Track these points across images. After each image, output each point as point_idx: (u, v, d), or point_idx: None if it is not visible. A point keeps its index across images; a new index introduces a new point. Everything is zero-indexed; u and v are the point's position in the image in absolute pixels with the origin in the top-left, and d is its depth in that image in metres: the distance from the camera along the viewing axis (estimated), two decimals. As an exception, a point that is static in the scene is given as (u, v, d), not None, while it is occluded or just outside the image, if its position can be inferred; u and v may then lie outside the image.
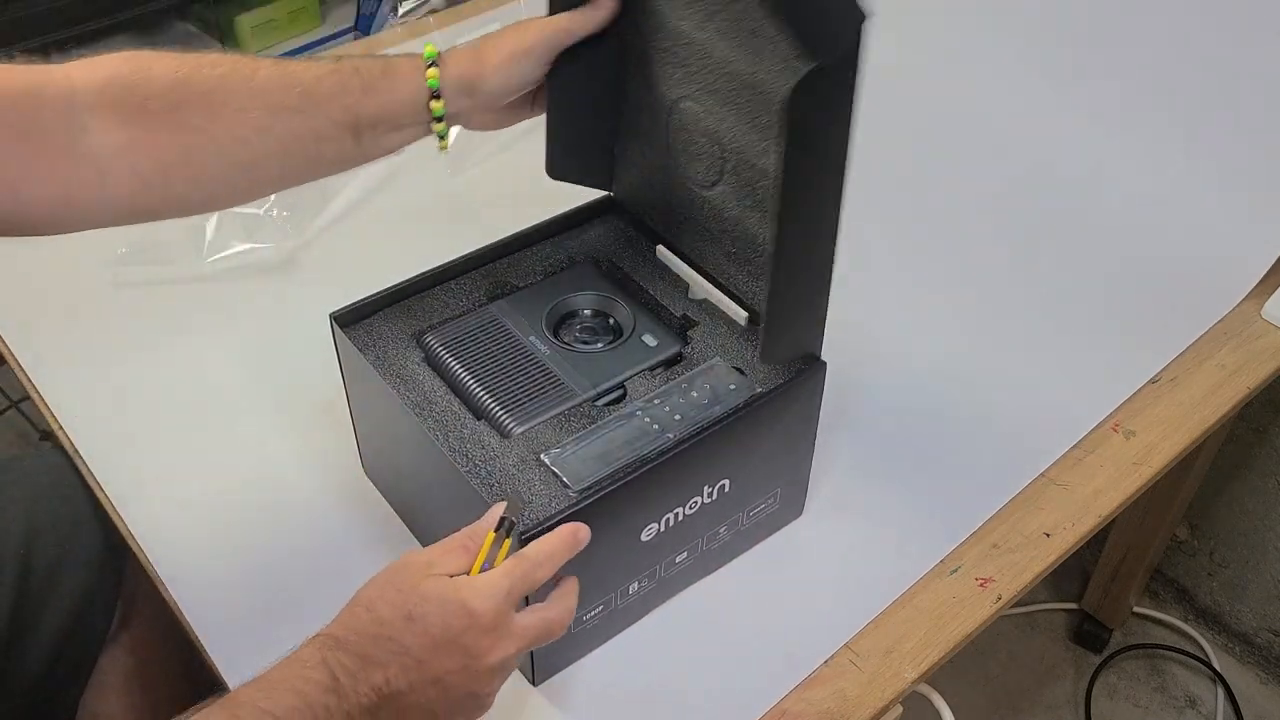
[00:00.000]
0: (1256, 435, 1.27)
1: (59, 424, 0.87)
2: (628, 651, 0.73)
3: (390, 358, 0.72)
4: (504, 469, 0.66)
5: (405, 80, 0.70)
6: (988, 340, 0.95)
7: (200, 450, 0.85)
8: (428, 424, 0.68)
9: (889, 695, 0.70)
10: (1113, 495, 0.82)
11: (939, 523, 0.80)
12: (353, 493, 0.82)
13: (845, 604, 0.75)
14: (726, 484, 0.70)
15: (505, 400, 0.69)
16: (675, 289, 0.78)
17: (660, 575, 0.72)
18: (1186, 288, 0.98)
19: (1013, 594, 0.76)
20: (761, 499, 0.75)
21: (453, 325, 0.74)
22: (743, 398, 0.69)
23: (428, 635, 0.54)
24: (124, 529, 0.80)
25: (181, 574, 0.77)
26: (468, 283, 0.78)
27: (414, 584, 0.55)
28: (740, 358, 0.73)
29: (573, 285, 0.78)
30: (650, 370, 0.72)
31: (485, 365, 0.71)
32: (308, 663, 0.53)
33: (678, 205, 0.77)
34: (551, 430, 0.68)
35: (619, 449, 0.66)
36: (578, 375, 0.71)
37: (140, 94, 0.63)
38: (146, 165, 0.64)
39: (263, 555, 0.79)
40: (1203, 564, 1.44)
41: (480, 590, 0.55)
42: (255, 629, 0.73)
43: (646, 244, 0.81)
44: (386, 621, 0.54)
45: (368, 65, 0.70)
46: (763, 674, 0.71)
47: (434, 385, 0.71)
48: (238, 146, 0.66)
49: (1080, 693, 1.42)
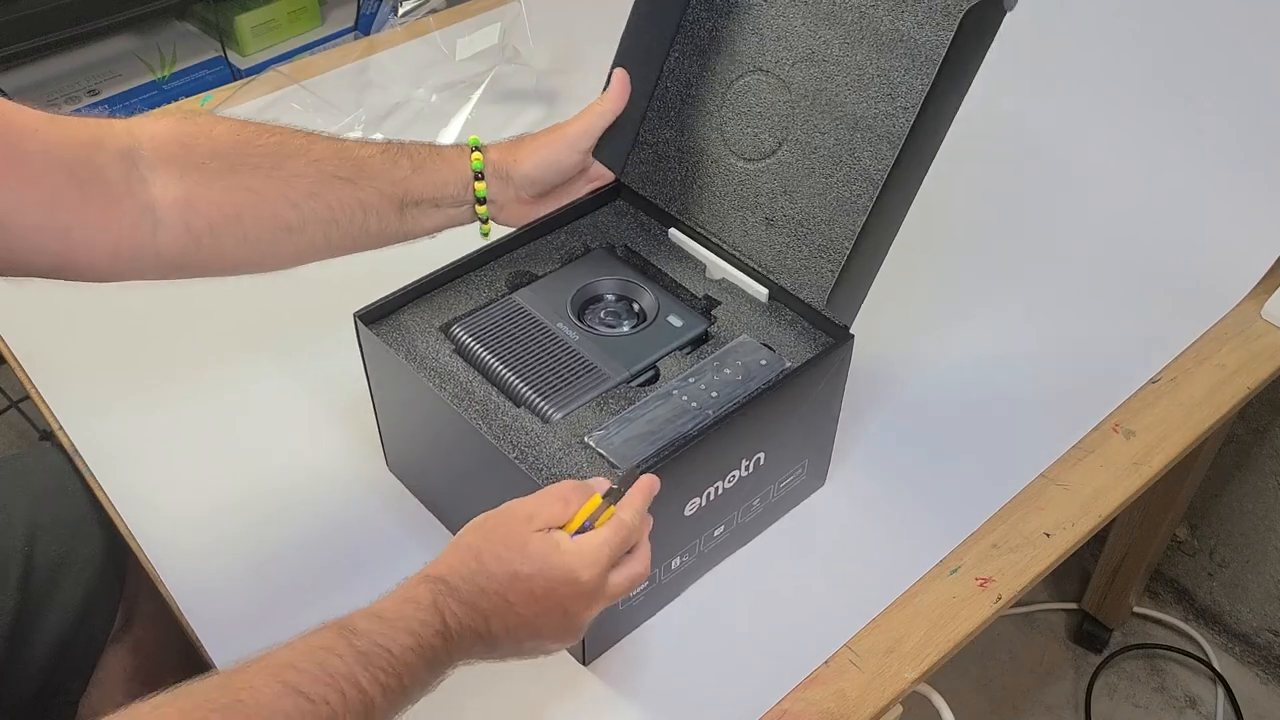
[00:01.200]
0: (1256, 435, 1.27)
1: (59, 424, 0.87)
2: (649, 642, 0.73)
3: (420, 352, 0.73)
4: (550, 454, 0.67)
5: (451, 162, 0.76)
6: (987, 340, 0.95)
7: (201, 450, 0.85)
8: (470, 414, 0.69)
9: (889, 695, 0.70)
10: (1113, 495, 0.82)
11: (939, 523, 0.80)
12: (354, 492, 0.82)
13: (845, 604, 0.75)
14: (762, 456, 0.72)
15: (541, 387, 0.70)
16: (693, 270, 0.79)
17: (699, 550, 0.74)
18: (1186, 288, 0.98)
19: (1013, 594, 0.76)
20: (792, 469, 0.77)
21: (479, 316, 0.75)
22: (774, 373, 0.71)
23: (532, 595, 0.56)
24: (124, 529, 0.80)
25: (182, 573, 0.77)
26: (488, 274, 0.78)
27: (521, 539, 0.56)
28: (766, 334, 0.75)
29: (593, 271, 0.78)
30: (680, 350, 0.74)
31: (516, 353, 0.72)
32: (421, 603, 0.54)
33: (701, 182, 0.79)
34: (591, 413, 0.69)
35: (660, 428, 0.68)
36: (609, 359, 0.72)
37: (201, 153, 0.66)
38: (199, 222, 0.66)
39: (264, 555, 0.79)
40: (1203, 564, 1.44)
41: (586, 558, 0.57)
42: (257, 629, 0.73)
43: (658, 227, 0.82)
44: (494, 575, 0.55)
45: (418, 148, 0.76)
46: (763, 674, 0.72)
47: (468, 376, 0.71)
48: (288, 209, 0.69)
49: (1080, 693, 1.42)
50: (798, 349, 0.74)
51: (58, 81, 1.54)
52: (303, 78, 1.24)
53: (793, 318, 0.76)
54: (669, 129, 0.81)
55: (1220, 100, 1.03)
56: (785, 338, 0.74)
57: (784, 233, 0.75)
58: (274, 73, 1.24)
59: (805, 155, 0.74)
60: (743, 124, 0.77)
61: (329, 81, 1.24)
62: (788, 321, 0.76)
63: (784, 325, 0.75)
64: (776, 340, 0.74)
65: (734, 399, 0.69)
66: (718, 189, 0.78)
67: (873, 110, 0.70)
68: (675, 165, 0.80)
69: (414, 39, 1.30)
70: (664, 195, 0.82)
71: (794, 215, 0.74)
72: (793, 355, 0.73)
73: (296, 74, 1.25)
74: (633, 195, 0.84)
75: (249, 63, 1.63)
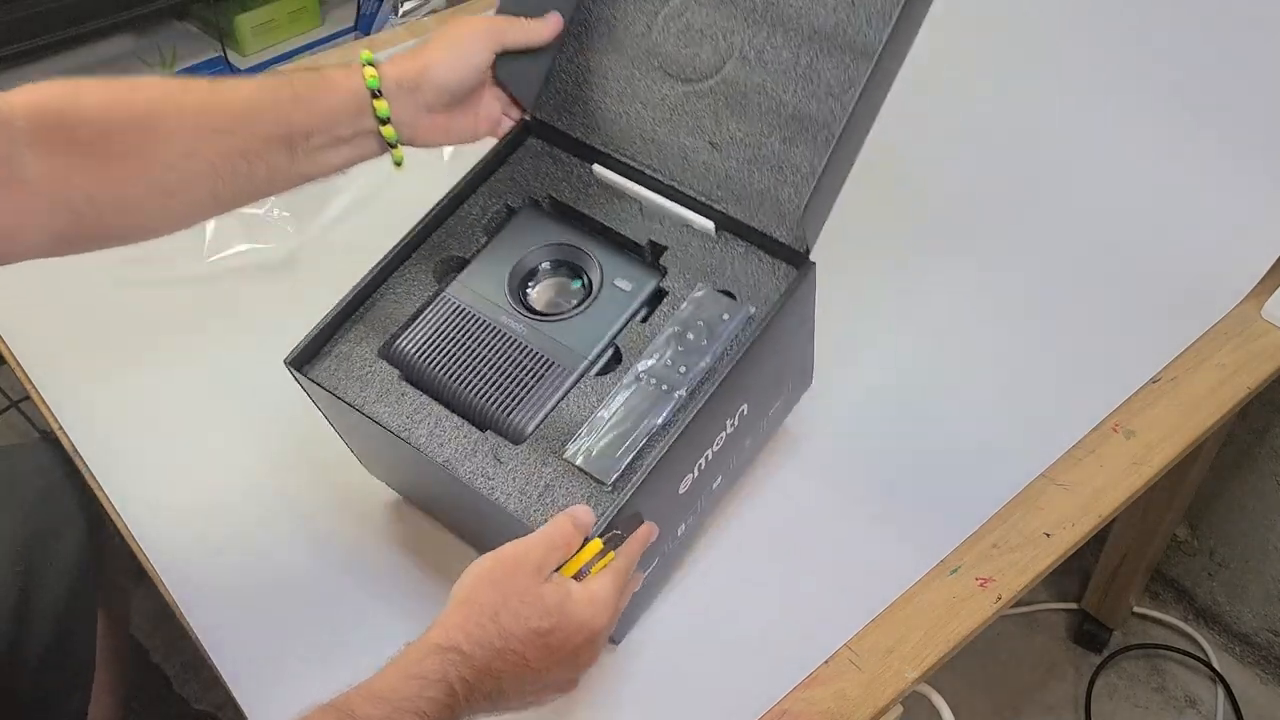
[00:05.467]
0: (1256, 435, 1.27)
1: (59, 424, 0.87)
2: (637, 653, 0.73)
3: (367, 385, 0.68)
4: (528, 478, 0.64)
5: (339, 84, 0.67)
6: (988, 340, 0.95)
7: (201, 450, 0.85)
8: (440, 453, 0.65)
9: (889, 695, 0.70)
10: (1113, 495, 0.82)
11: (939, 523, 0.80)
12: (355, 492, 0.82)
13: (845, 604, 0.75)
14: (745, 408, 0.69)
15: (503, 400, 0.66)
16: (627, 211, 0.72)
17: (700, 508, 0.72)
18: (1186, 288, 0.98)
19: (1013, 594, 0.76)
20: (776, 400, 0.74)
21: (416, 329, 0.69)
22: (739, 324, 0.66)
23: (548, 648, 0.56)
24: (124, 529, 0.80)
25: (181, 573, 0.77)
26: (412, 269, 0.72)
27: (535, 593, 0.56)
28: (722, 274, 0.69)
29: (522, 240, 0.72)
30: (636, 317, 0.69)
31: (466, 364, 0.67)
32: (429, 679, 0.53)
33: (631, 110, 0.72)
34: (561, 417, 0.66)
35: (635, 423, 0.65)
36: (564, 348, 0.68)
37: (70, 122, 0.62)
38: (76, 196, 0.62)
39: (263, 554, 0.79)
40: (1203, 564, 1.44)
41: (598, 607, 0.57)
42: (256, 628, 0.73)
43: (581, 165, 0.75)
44: (512, 635, 0.55)
45: (301, 76, 0.68)
46: (763, 674, 0.71)
47: (423, 404, 0.67)
48: (165, 172, 0.64)
49: (1080, 693, 1.42)
50: (758, 285, 0.68)
51: (58, 81, 1.54)
52: (303, 78, 1.24)
53: (746, 249, 0.70)
54: (591, 53, 0.73)
55: (1220, 100, 1.03)
56: (742, 274, 0.69)
57: (732, 157, 0.69)
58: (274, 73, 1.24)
59: (755, 72, 0.68)
60: (680, 42, 0.70)
61: (329, 81, 1.24)
62: (740, 255, 0.70)
63: (738, 260, 0.70)
64: (734, 280, 0.69)
65: (702, 369, 0.65)
66: (651, 116, 0.71)
67: (834, 20, 0.66)
68: (598, 93, 0.72)
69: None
70: (585, 128, 0.73)
71: (744, 138, 0.68)
72: (753, 295, 0.68)
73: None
74: (549, 132, 0.75)
75: (249, 63, 1.63)
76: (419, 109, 0.69)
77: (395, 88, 0.68)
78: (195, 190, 0.66)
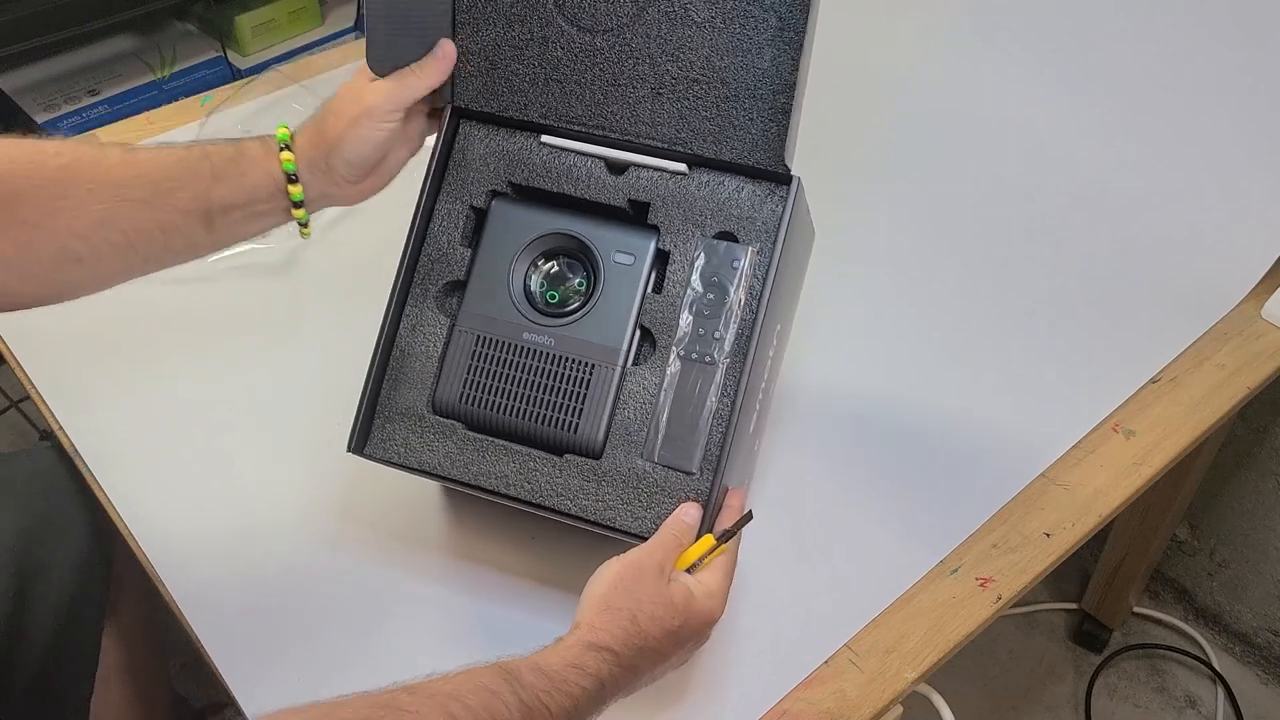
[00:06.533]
0: (1256, 435, 1.27)
1: (59, 424, 0.87)
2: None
3: (436, 452, 0.69)
4: (623, 490, 0.67)
5: (256, 165, 0.67)
6: (988, 340, 0.95)
7: (201, 450, 0.85)
8: (534, 493, 0.67)
9: (889, 695, 0.70)
10: (1113, 495, 0.82)
11: (939, 523, 0.80)
12: (356, 492, 0.82)
13: (845, 604, 0.75)
14: (779, 326, 0.71)
15: (564, 419, 0.68)
16: (594, 175, 0.70)
17: (763, 410, 0.75)
18: (1186, 288, 0.98)
19: (1013, 594, 0.76)
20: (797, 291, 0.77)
21: (448, 376, 0.69)
22: (746, 262, 0.67)
23: (679, 641, 0.62)
24: (124, 529, 0.80)
25: (181, 573, 0.77)
26: (416, 310, 0.71)
27: (665, 596, 0.61)
28: (716, 215, 0.68)
29: (505, 240, 0.70)
30: (650, 289, 0.69)
31: (514, 394, 0.68)
32: (586, 670, 0.57)
33: (557, 76, 0.69)
34: (623, 423, 0.68)
35: (693, 405, 0.67)
36: (595, 346, 0.68)
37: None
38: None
39: (263, 555, 0.78)
40: (1203, 564, 1.44)
41: (717, 599, 0.63)
42: (256, 629, 0.73)
43: (528, 139, 0.71)
44: (651, 636, 0.60)
45: (219, 150, 0.67)
46: (763, 674, 0.71)
47: (494, 448, 0.68)
48: (74, 241, 0.63)
49: (1080, 693, 1.42)
50: (753, 216, 0.67)
51: (58, 81, 1.54)
52: (303, 78, 1.24)
53: (727, 182, 0.69)
54: (494, 26, 0.69)
55: (1220, 100, 1.03)
56: (733, 209, 0.68)
57: (680, 98, 0.67)
58: (274, 73, 1.25)
59: (681, 6, 0.66)
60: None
61: (329, 81, 1.24)
62: (726, 190, 0.69)
63: (725, 196, 0.68)
64: (728, 218, 0.68)
65: (730, 324, 0.66)
66: (580, 76, 0.68)
67: None
68: (516, 66, 0.69)
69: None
70: (517, 105, 0.70)
71: (687, 75, 0.67)
72: (750, 225, 0.67)
73: (296, 74, 1.25)
74: (481, 117, 0.72)
75: (249, 63, 1.63)
76: (333, 183, 0.70)
77: (308, 169, 0.68)
78: (108, 261, 0.65)
